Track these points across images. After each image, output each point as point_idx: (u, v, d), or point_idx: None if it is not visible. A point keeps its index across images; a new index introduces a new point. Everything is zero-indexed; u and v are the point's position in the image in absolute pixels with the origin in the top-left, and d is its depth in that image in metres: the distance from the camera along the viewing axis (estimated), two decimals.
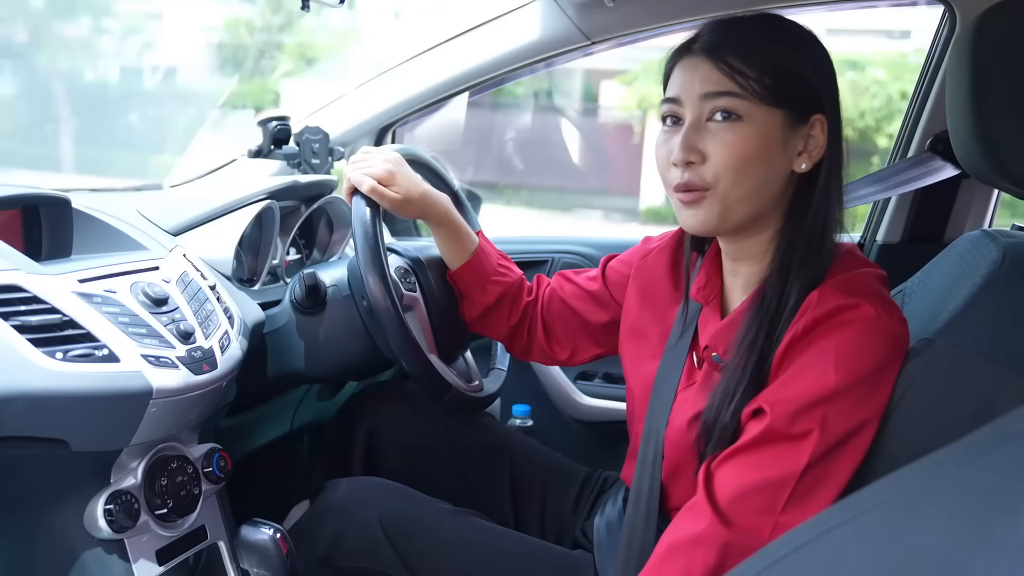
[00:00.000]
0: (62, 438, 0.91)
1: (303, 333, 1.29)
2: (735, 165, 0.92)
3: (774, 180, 0.95)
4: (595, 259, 1.88)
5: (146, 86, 6.74)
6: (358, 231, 1.17)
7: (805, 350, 0.88)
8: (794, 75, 0.93)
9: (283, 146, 1.60)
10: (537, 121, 4.78)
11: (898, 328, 0.89)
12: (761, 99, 0.92)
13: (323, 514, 1.16)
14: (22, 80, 5.84)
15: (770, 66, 0.92)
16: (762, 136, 0.92)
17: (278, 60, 5.42)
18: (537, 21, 1.66)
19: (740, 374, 0.92)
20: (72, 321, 0.92)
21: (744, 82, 0.92)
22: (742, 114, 0.92)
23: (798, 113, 0.94)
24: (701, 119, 0.94)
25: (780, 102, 0.92)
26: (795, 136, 0.94)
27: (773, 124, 0.93)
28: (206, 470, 1.10)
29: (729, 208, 0.94)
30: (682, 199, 0.96)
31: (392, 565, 1.12)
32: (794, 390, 0.87)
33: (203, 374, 1.01)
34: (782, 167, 0.95)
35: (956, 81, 0.92)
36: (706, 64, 0.94)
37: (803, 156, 0.95)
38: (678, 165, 0.95)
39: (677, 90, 0.97)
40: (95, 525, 0.97)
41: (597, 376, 1.94)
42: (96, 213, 1.19)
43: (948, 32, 1.58)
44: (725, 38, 0.95)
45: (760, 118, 0.92)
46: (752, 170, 0.93)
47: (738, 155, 0.92)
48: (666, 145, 0.97)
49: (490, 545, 1.17)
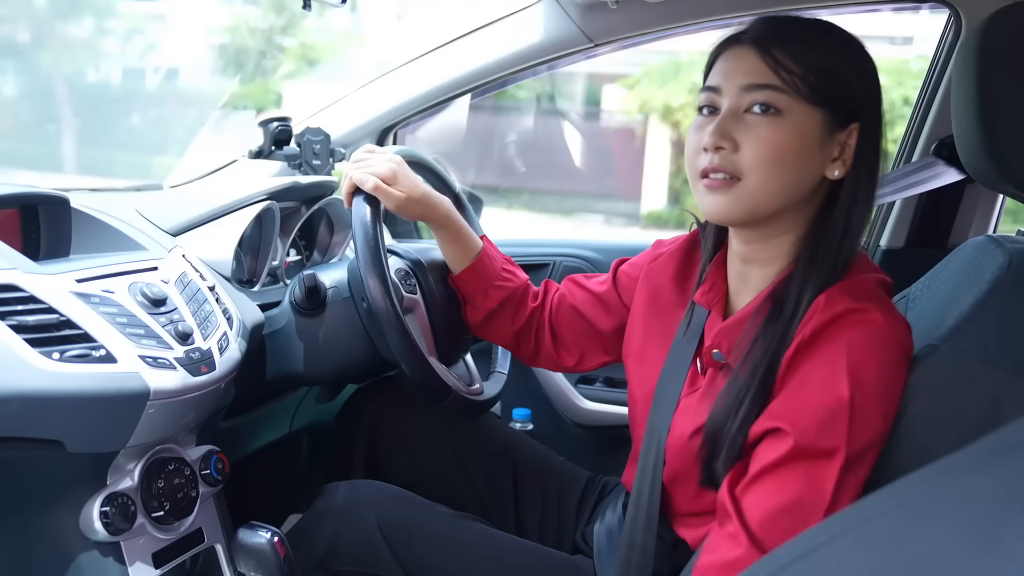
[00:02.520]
0: (58, 439, 0.90)
1: (302, 335, 1.29)
2: (768, 159, 0.90)
3: (805, 181, 0.93)
4: (596, 262, 1.88)
5: (149, 87, 6.75)
6: (358, 232, 1.16)
7: (813, 355, 0.87)
8: (837, 79, 0.92)
9: (284, 147, 1.59)
10: (539, 124, 4.77)
11: (904, 334, 0.88)
12: (803, 96, 0.90)
13: (321, 517, 1.15)
14: (25, 80, 5.85)
15: (816, 66, 0.90)
16: (799, 134, 0.90)
17: (280, 61, 5.43)
18: (540, 23, 1.65)
19: (749, 381, 0.91)
20: (69, 321, 0.91)
21: (788, 77, 0.90)
22: (781, 109, 0.90)
23: (837, 118, 0.92)
24: (739, 109, 0.92)
25: (821, 102, 0.91)
26: (831, 141, 0.93)
27: (811, 124, 0.91)
28: (204, 472, 1.10)
29: (757, 203, 0.92)
30: (707, 184, 0.94)
31: (390, 569, 1.11)
32: (808, 403, 0.85)
33: (201, 375, 1.00)
34: (815, 170, 0.93)
35: (962, 85, 0.92)
36: (752, 55, 0.92)
37: (837, 163, 0.93)
38: (708, 150, 0.93)
39: (718, 79, 0.95)
40: (91, 527, 0.96)
41: (598, 380, 1.93)
42: (95, 213, 1.18)
43: (953, 36, 1.57)
44: (777, 33, 0.93)
45: (799, 116, 0.90)
46: (785, 167, 0.91)
47: (772, 150, 0.90)
48: (699, 132, 0.95)
49: (489, 550, 1.16)
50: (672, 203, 6.89)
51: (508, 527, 1.29)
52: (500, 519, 1.30)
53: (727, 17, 1.64)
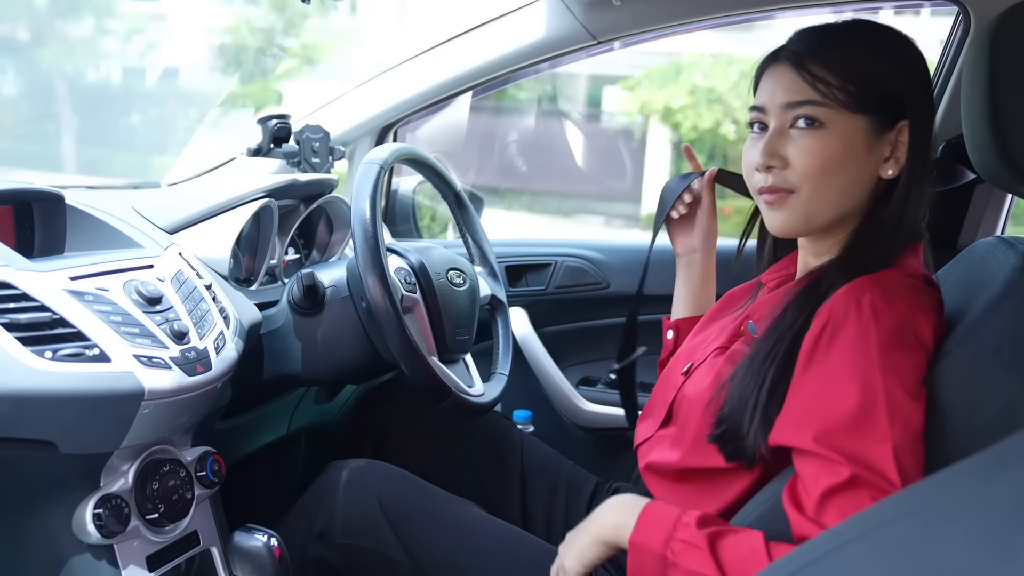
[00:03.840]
0: (50, 440, 0.89)
1: (301, 335, 1.28)
2: (817, 171, 0.93)
3: (860, 185, 0.95)
4: (598, 262, 1.87)
5: (149, 87, 6.76)
6: (358, 231, 1.16)
7: (829, 352, 0.86)
8: (878, 81, 0.92)
9: (283, 145, 1.58)
10: (540, 126, 4.78)
11: (917, 321, 0.86)
12: (844, 106, 0.92)
13: (323, 492, 1.17)
14: (24, 79, 5.85)
15: (855, 73, 0.92)
16: (844, 143, 0.92)
17: (280, 59, 5.43)
18: (543, 20, 1.64)
19: (771, 347, 0.91)
20: (62, 319, 0.90)
21: (827, 90, 0.92)
22: (824, 121, 0.93)
23: (883, 120, 0.93)
24: (784, 126, 0.95)
25: (864, 109, 0.92)
26: (880, 142, 0.94)
27: (856, 131, 0.93)
28: (199, 474, 1.08)
29: (813, 212, 0.95)
30: (766, 200, 0.97)
31: (389, 545, 1.12)
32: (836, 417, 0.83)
33: (197, 375, 0.99)
34: (867, 173, 0.95)
35: (972, 84, 0.90)
36: (790, 73, 0.94)
37: (890, 162, 0.94)
38: (760, 170, 0.97)
39: (763, 99, 0.98)
40: (84, 530, 0.95)
41: (600, 382, 1.92)
42: (90, 210, 1.17)
43: (962, 34, 1.56)
44: (811, 46, 0.95)
45: (842, 125, 0.92)
46: (834, 175, 0.93)
47: (819, 161, 0.93)
48: (751, 151, 0.98)
49: (488, 534, 1.17)
50: None
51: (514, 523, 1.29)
52: (505, 518, 1.30)
53: (731, 14, 1.63)
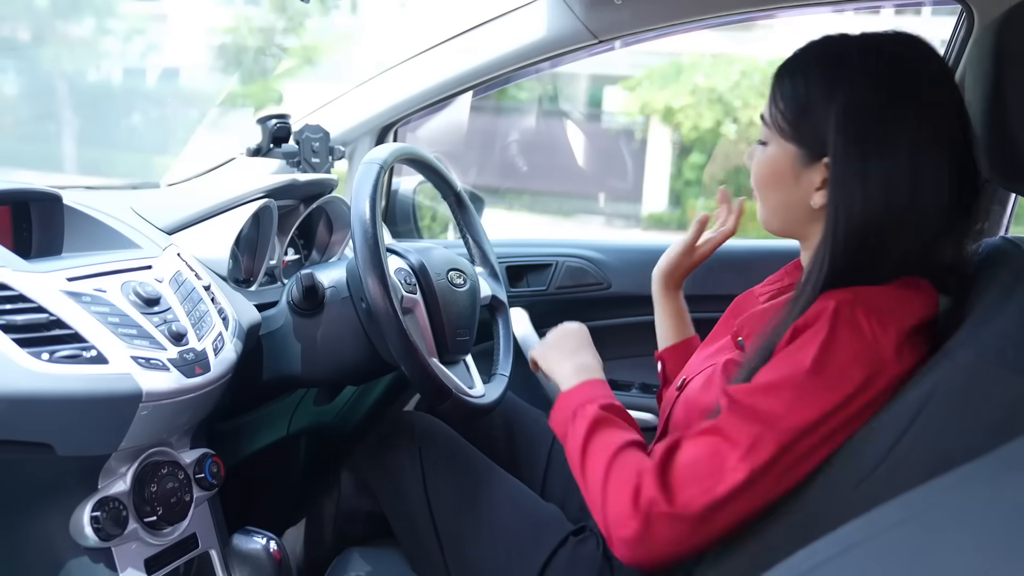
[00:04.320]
0: (47, 442, 0.88)
1: (300, 335, 1.27)
2: (756, 183, 1.02)
3: (797, 206, 0.98)
4: (599, 263, 1.86)
5: (149, 87, 6.76)
6: (358, 231, 1.15)
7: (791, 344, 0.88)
8: (812, 117, 0.92)
9: (282, 144, 1.57)
10: (540, 126, 4.77)
11: (882, 346, 0.85)
12: (780, 132, 0.96)
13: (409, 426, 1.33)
14: (25, 79, 5.85)
15: (792, 103, 0.95)
16: (775, 165, 0.98)
17: (280, 59, 5.43)
18: (543, 19, 1.64)
19: (753, 359, 0.92)
20: (59, 321, 0.89)
21: (773, 112, 0.97)
22: (767, 140, 0.99)
23: (810, 153, 0.94)
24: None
25: (794, 139, 0.95)
26: (810, 172, 0.95)
27: (786, 157, 0.96)
28: (198, 476, 1.08)
29: (766, 218, 1.03)
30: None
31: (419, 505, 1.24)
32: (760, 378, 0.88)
33: (195, 377, 0.98)
34: (798, 197, 0.97)
35: (975, 83, 0.90)
36: (770, 87, 0.99)
37: (821, 192, 0.94)
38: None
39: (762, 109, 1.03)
40: (81, 533, 0.94)
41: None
42: (88, 210, 1.16)
43: (965, 33, 1.55)
44: (788, 64, 0.97)
45: (776, 148, 0.97)
46: (768, 192, 1.00)
47: (757, 176, 1.01)
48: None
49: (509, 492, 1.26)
50: (673, 205, 6.90)
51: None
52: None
53: (732, 13, 1.62)
